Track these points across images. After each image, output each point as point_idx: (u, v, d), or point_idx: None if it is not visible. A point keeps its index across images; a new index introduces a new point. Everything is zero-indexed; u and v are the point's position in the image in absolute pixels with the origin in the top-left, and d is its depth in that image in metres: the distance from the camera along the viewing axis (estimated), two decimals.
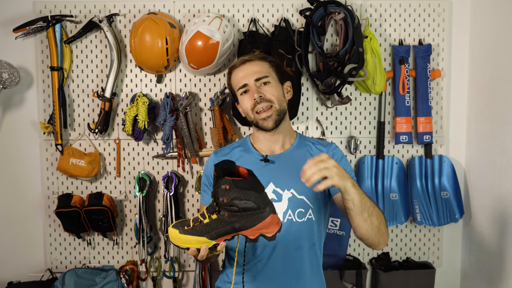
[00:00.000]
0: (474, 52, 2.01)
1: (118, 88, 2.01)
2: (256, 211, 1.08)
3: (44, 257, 2.09)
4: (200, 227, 1.10)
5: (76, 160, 1.95)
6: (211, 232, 1.09)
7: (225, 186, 1.05)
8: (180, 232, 1.11)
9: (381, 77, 1.89)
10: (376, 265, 2.08)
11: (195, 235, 1.10)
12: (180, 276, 2.12)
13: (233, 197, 1.05)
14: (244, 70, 1.46)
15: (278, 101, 1.44)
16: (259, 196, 1.08)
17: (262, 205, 1.09)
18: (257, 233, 1.11)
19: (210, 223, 1.09)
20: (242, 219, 1.08)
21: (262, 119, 1.43)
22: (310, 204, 1.43)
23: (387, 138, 2.07)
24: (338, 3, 1.83)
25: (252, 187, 1.07)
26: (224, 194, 1.05)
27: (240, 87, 1.46)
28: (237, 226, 1.09)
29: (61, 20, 1.93)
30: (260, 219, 1.09)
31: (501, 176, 1.79)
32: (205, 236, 1.10)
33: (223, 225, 1.09)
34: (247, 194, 1.06)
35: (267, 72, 1.47)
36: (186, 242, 1.11)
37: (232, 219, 1.08)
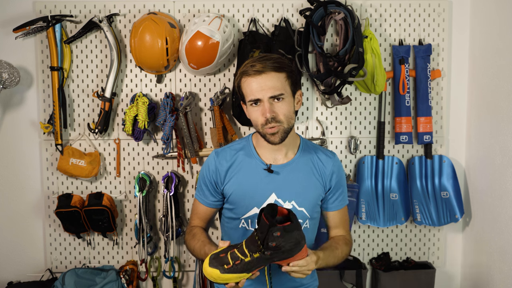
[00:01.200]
0: (474, 52, 2.01)
1: (118, 88, 2.01)
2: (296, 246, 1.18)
3: (44, 257, 2.09)
4: (242, 265, 1.17)
5: (76, 160, 1.95)
6: (252, 268, 1.18)
7: (277, 234, 1.13)
8: (221, 272, 1.17)
9: (381, 77, 1.89)
10: (376, 265, 2.08)
11: (237, 273, 1.17)
12: (180, 276, 2.12)
13: (282, 241, 1.14)
14: (260, 82, 1.34)
15: (287, 120, 1.38)
16: (299, 233, 1.18)
17: (300, 240, 1.18)
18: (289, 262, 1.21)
19: (252, 261, 1.17)
20: (283, 254, 1.17)
21: (270, 134, 1.38)
22: (308, 215, 1.47)
23: (387, 138, 2.07)
24: (338, 3, 1.83)
25: (295, 228, 1.16)
26: (275, 240, 1.13)
27: (253, 100, 1.37)
28: (276, 259, 1.18)
29: (61, 20, 1.93)
30: (297, 251, 1.19)
31: (501, 176, 1.79)
32: (246, 272, 1.18)
33: (264, 261, 1.17)
34: (292, 236, 1.15)
35: (282, 88, 1.36)
36: (228, 280, 1.18)
37: (274, 255, 1.17)
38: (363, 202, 2.01)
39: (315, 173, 1.47)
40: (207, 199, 1.52)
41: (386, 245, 2.13)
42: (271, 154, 1.47)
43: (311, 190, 1.46)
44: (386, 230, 2.12)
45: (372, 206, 2.01)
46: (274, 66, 1.35)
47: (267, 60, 1.36)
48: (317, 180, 1.47)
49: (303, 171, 1.46)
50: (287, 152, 1.48)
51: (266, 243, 1.14)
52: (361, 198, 2.02)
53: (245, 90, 1.39)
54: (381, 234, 2.13)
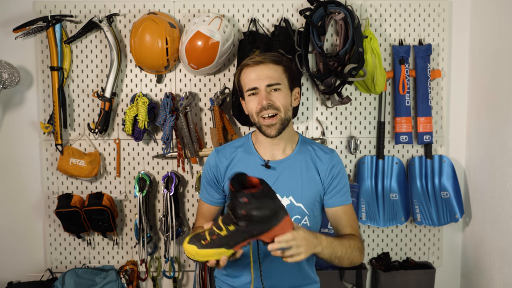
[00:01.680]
0: (474, 52, 2.01)
1: (118, 88, 2.01)
2: (272, 216, 1.12)
3: (44, 257, 2.09)
4: (218, 239, 1.13)
5: (76, 160, 1.95)
6: (230, 243, 1.13)
7: (243, 200, 1.08)
8: (198, 248, 1.13)
9: (381, 77, 1.89)
10: (376, 265, 2.08)
11: (214, 248, 1.13)
12: (180, 276, 2.12)
13: (251, 208, 1.09)
14: (257, 72, 1.41)
15: (284, 110, 1.42)
16: (273, 202, 1.13)
17: (277, 210, 1.13)
18: (273, 236, 1.15)
19: (228, 235, 1.13)
20: (260, 226, 1.12)
21: (266, 126, 1.41)
22: (306, 211, 1.46)
23: (387, 138, 2.07)
24: (338, 3, 1.83)
25: (267, 196, 1.12)
26: (243, 207, 1.09)
27: (250, 89, 1.42)
28: (255, 233, 1.13)
29: (61, 20, 1.93)
30: (276, 223, 1.14)
31: (501, 176, 1.79)
32: (224, 247, 1.13)
33: (241, 234, 1.13)
34: (263, 203, 1.10)
35: (279, 78, 1.42)
36: (207, 256, 1.14)
37: (250, 227, 1.12)
38: (363, 202, 2.01)
39: (313, 169, 1.47)
40: (211, 196, 1.54)
41: (386, 245, 2.13)
42: (269, 151, 1.49)
43: (309, 186, 1.46)
44: (386, 230, 2.12)
45: (372, 206, 2.01)
46: (272, 58, 1.43)
47: (267, 54, 1.47)
48: (315, 176, 1.47)
49: (300, 167, 1.47)
50: (285, 148, 1.49)
51: (235, 212, 1.10)
52: (361, 198, 2.02)
53: (244, 82, 1.45)
54: (381, 234, 2.13)
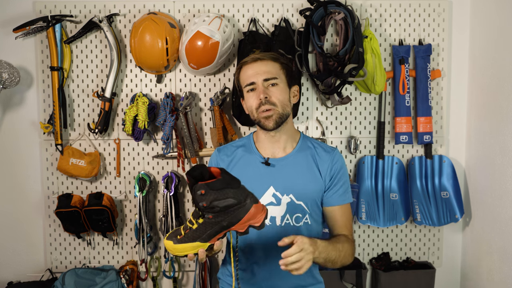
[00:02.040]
0: (474, 52, 2.01)
1: (118, 88, 2.01)
2: (238, 206, 1.11)
3: (44, 257, 2.09)
4: (191, 233, 1.13)
5: (76, 160, 1.95)
6: (203, 236, 1.13)
7: (200, 192, 1.07)
8: (174, 243, 1.14)
9: (381, 77, 1.89)
10: (376, 265, 2.08)
11: (188, 242, 1.13)
12: (180, 276, 2.12)
13: (211, 200, 1.08)
14: (255, 68, 1.44)
15: (281, 105, 1.43)
16: (236, 191, 1.11)
17: (242, 199, 1.11)
18: (245, 225, 1.14)
19: (199, 228, 1.12)
20: (227, 216, 1.11)
21: (263, 118, 1.43)
22: (308, 209, 1.46)
23: (387, 138, 2.07)
24: (338, 3, 1.83)
25: (227, 185, 1.09)
26: (202, 199, 1.07)
27: (248, 85, 1.45)
28: (225, 224, 1.12)
29: (61, 20, 1.93)
30: (244, 212, 1.12)
31: (501, 176, 1.79)
32: (198, 241, 1.13)
33: (211, 226, 1.12)
34: (224, 193, 1.09)
35: (276, 73, 1.45)
36: (183, 250, 1.14)
37: (218, 219, 1.11)
38: (363, 202, 2.01)
39: (314, 168, 1.47)
40: None
41: (386, 245, 2.13)
42: (270, 149, 1.49)
43: (310, 183, 1.46)
44: (386, 230, 2.12)
45: (372, 206, 2.01)
46: (271, 56, 1.48)
47: (266, 52, 1.52)
48: (315, 175, 1.47)
49: (301, 165, 1.47)
50: (286, 146, 1.49)
51: (197, 205, 1.10)
52: (361, 198, 2.02)
53: (242, 79, 1.48)
54: (381, 234, 2.13)
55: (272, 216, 1.44)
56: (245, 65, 1.47)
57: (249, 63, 1.46)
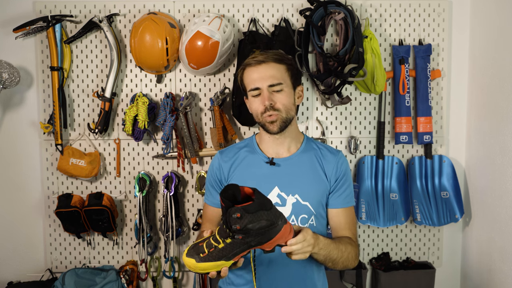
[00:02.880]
0: (474, 52, 2.01)
1: (118, 88, 2.01)
2: (270, 227, 1.10)
3: (44, 257, 2.09)
4: (216, 252, 1.11)
5: (76, 160, 1.95)
6: (229, 255, 1.11)
7: (236, 215, 1.05)
8: (197, 261, 1.11)
9: (381, 77, 1.89)
10: (376, 265, 2.08)
11: (212, 261, 1.11)
12: (180, 276, 2.12)
13: (246, 223, 1.06)
14: (260, 72, 1.41)
15: (285, 109, 1.42)
16: (269, 213, 1.09)
17: (274, 220, 1.10)
18: (273, 245, 1.14)
19: (226, 247, 1.10)
20: (258, 237, 1.10)
21: (268, 122, 1.42)
22: (313, 210, 1.44)
23: (387, 138, 2.07)
24: (338, 3, 1.83)
25: (261, 207, 1.08)
26: (237, 222, 1.06)
27: (252, 89, 1.42)
28: (253, 244, 1.11)
29: (61, 20, 1.93)
30: (275, 233, 1.11)
31: (501, 176, 1.79)
32: (223, 260, 1.11)
33: (239, 246, 1.10)
34: (258, 216, 1.07)
35: (281, 78, 1.42)
36: (205, 269, 1.12)
37: (247, 239, 1.10)
38: (363, 202, 2.01)
39: (319, 168, 1.47)
40: (215, 199, 1.53)
41: (386, 245, 2.13)
42: (274, 149, 1.49)
43: (315, 184, 1.45)
44: (386, 230, 2.12)
45: (372, 206, 2.01)
46: (275, 57, 1.43)
47: (269, 52, 1.45)
48: (321, 176, 1.46)
49: (306, 165, 1.46)
50: (290, 147, 1.49)
51: (230, 227, 1.08)
52: (361, 198, 2.02)
53: (246, 81, 1.45)
54: (381, 234, 2.13)
55: None
56: (249, 67, 1.43)
57: (253, 66, 1.42)
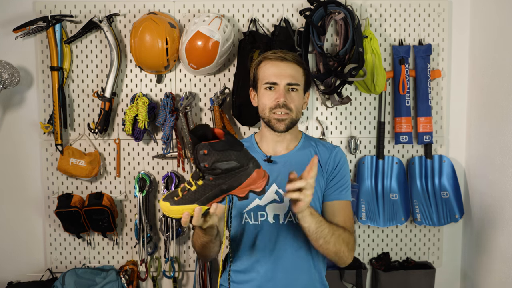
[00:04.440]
0: (474, 52, 2.01)
1: (118, 88, 2.01)
2: (240, 169, 1.08)
3: (44, 257, 2.09)
4: (189, 195, 1.09)
5: (76, 160, 1.95)
6: (201, 198, 1.09)
7: (203, 151, 1.04)
8: (171, 204, 1.10)
9: (381, 77, 1.89)
10: (376, 265, 2.08)
11: (186, 204, 1.09)
12: (180, 276, 2.12)
13: (214, 161, 1.05)
14: (280, 67, 1.42)
15: (296, 111, 1.44)
16: (239, 154, 1.08)
17: (245, 162, 1.08)
18: (246, 190, 1.11)
19: (198, 190, 1.09)
20: (228, 179, 1.08)
21: (276, 119, 1.42)
22: None
23: (387, 138, 2.07)
24: (338, 3, 1.83)
25: (230, 147, 1.06)
26: (204, 159, 1.05)
27: (269, 83, 1.42)
28: (225, 187, 1.09)
29: (61, 20, 1.93)
30: (246, 175, 1.09)
31: (501, 176, 1.79)
32: (196, 203, 1.09)
33: (211, 188, 1.09)
34: (227, 155, 1.06)
35: (299, 79, 1.44)
36: (179, 212, 1.10)
37: (218, 181, 1.08)
38: (363, 202, 2.01)
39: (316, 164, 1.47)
40: None
41: (386, 245, 2.13)
42: (272, 147, 1.50)
43: None
44: (386, 230, 2.12)
45: (372, 206, 2.01)
46: (296, 59, 1.45)
47: (289, 52, 1.46)
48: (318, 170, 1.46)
49: (303, 162, 1.46)
50: (288, 145, 1.51)
51: (199, 166, 1.06)
52: (361, 198, 2.02)
53: (263, 74, 1.44)
54: (381, 234, 2.13)
55: (276, 214, 1.44)
56: (269, 60, 1.44)
57: (273, 60, 1.43)
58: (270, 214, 1.43)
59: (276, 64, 1.43)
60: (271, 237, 1.43)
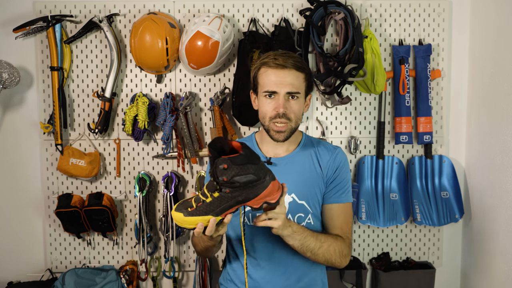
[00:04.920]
0: (474, 52, 2.01)
1: (118, 88, 2.01)
2: (257, 182, 1.10)
3: (44, 257, 2.09)
4: (204, 206, 1.10)
5: (76, 160, 1.95)
6: (216, 210, 1.10)
7: (223, 166, 1.05)
8: (185, 215, 1.10)
9: (381, 77, 1.89)
10: (376, 265, 2.08)
11: (200, 215, 1.10)
12: (180, 276, 2.12)
13: (233, 175, 1.06)
14: (280, 76, 1.37)
15: (296, 119, 1.41)
16: (257, 167, 1.09)
17: (262, 175, 1.10)
18: (261, 201, 1.13)
19: (213, 201, 1.10)
20: (245, 191, 1.10)
21: (275, 131, 1.41)
22: (310, 209, 1.44)
23: (387, 138, 2.07)
24: (338, 3, 1.83)
25: (249, 160, 1.08)
26: (224, 174, 1.06)
27: (268, 92, 1.39)
28: (241, 199, 1.11)
29: (61, 20, 1.93)
30: (262, 188, 1.11)
31: (501, 176, 1.79)
32: (211, 214, 1.10)
33: (227, 201, 1.10)
34: (245, 169, 1.07)
35: (299, 86, 1.40)
36: (193, 223, 1.11)
37: (235, 194, 1.09)
38: (363, 202, 2.01)
39: (316, 166, 1.47)
40: None
41: (386, 245, 2.13)
42: (272, 149, 1.49)
43: (312, 182, 1.44)
44: (386, 230, 2.12)
45: (372, 206, 2.01)
46: (296, 64, 1.39)
47: (290, 57, 1.39)
48: (317, 172, 1.46)
49: (303, 164, 1.46)
50: (288, 147, 1.50)
51: (217, 179, 1.08)
52: (361, 198, 2.02)
53: (263, 81, 1.41)
54: (381, 234, 2.13)
55: None
56: (268, 67, 1.38)
57: (273, 68, 1.38)
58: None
59: (275, 72, 1.38)
60: (269, 238, 1.42)
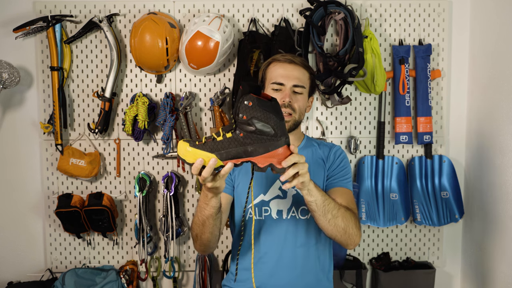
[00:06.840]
0: (474, 52, 2.01)
1: (118, 88, 2.01)
2: (272, 137, 1.07)
3: (44, 257, 2.09)
4: (212, 143, 1.07)
5: (76, 160, 1.95)
6: (222, 151, 1.06)
7: (248, 102, 1.03)
8: (190, 145, 1.07)
9: (381, 77, 1.89)
10: (376, 265, 2.08)
11: (205, 151, 1.06)
12: (180, 276, 2.12)
13: (253, 116, 1.04)
14: (287, 69, 1.48)
15: (299, 112, 1.48)
16: (278, 123, 1.07)
17: (279, 133, 1.07)
18: (267, 161, 1.09)
19: (223, 141, 1.06)
20: (256, 142, 1.06)
21: None
22: None
23: (387, 138, 2.07)
24: (338, 3, 1.83)
25: (274, 111, 1.06)
26: (245, 111, 1.04)
27: (275, 83, 1.47)
28: (250, 149, 1.07)
29: (61, 20, 1.93)
30: (274, 146, 1.08)
31: (501, 176, 1.79)
32: (215, 154, 1.06)
33: (236, 145, 1.06)
34: (267, 117, 1.05)
35: (305, 82, 1.50)
36: (194, 157, 1.06)
37: (247, 140, 1.06)
38: (363, 202, 2.01)
39: (318, 160, 1.51)
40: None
41: (386, 245, 2.13)
42: None
43: (315, 176, 1.48)
44: (386, 230, 2.12)
45: (372, 206, 2.01)
46: (304, 63, 1.51)
47: (298, 57, 1.54)
48: (320, 166, 1.51)
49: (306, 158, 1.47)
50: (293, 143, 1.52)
51: (237, 115, 1.05)
52: (361, 198, 2.02)
53: (271, 74, 1.50)
54: (381, 234, 2.13)
55: (279, 210, 1.45)
56: (278, 62, 1.50)
57: (282, 62, 1.49)
58: (273, 209, 1.46)
59: (284, 66, 1.48)
60: (274, 232, 1.44)
